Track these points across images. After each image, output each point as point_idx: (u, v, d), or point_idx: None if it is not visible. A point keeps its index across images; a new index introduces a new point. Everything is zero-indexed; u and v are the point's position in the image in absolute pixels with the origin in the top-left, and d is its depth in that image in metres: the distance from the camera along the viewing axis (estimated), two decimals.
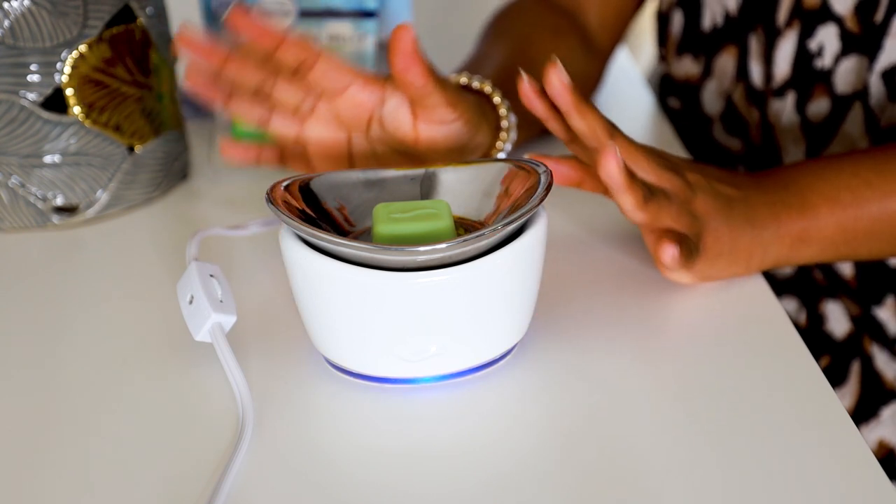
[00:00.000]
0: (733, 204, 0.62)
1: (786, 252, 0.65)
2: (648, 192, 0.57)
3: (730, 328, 0.62)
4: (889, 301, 0.80)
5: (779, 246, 0.64)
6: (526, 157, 0.60)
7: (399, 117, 0.66)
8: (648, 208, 0.58)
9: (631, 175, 0.56)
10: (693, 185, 0.61)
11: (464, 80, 0.74)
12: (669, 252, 0.58)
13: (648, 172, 0.60)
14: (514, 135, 0.73)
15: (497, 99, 0.73)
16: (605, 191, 0.65)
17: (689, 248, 0.59)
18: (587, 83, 0.90)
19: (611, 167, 0.55)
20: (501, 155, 0.73)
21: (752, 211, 0.63)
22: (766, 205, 0.64)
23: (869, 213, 0.65)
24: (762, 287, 0.65)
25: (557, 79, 0.58)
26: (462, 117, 0.66)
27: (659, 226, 0.60)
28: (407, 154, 0.68)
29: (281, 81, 0.66)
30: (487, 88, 0.73)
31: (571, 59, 0.87)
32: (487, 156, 0.73)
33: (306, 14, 0.84)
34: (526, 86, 0.61)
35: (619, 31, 0.93)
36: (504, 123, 0.72)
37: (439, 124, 0.66)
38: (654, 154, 0.61)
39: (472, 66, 0.80)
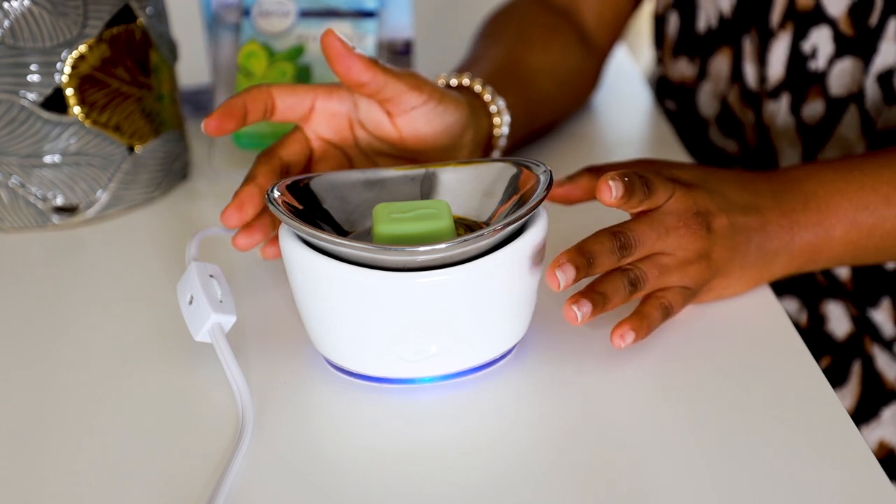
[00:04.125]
0: (750, 237, 0.62)
1: (793, 270, 0.65)
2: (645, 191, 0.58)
3: (730, 328, 0.62)
4: (884, 303, 0.81)
5: (788, 266, 0.64)
6: None
7: (376, 118, 0.66)
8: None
9: (629, 192, 0.57)
10: (715, 235, 0.60)
11: (453, 80, 0.73)
12: (616, 343, 0.57)
13: (675, 240, 0.59)
14: (507, 117, 0.73)
15: (484, 94, 0.72)
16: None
17: (652, 324, 0.58)
18: (584, 81, 0.90)
19: (606, 199, 0.57)
20: (501, 141, 0.73)
21: (767, 239, 0.62)
22: (783, 228, 0.63)
23: (883, 231, 0.65)
24: (762, 288, 0.65)
25: (609, 196, 0.57)
26: (432, 97, 0.65)
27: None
28: (402, 156, 0.67)
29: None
30: (476, 87, 0.73)
31: (567, 57, 0.87)
32: (487, 146, 0.73)
33: (306, 14, 0.84)
34: (561, 192, 0.65)
35: (616, 30, 0.93)
36: (493, 109, 0.73)
37: (412, 111, 0.65)
38: (686, 212, 0.60)
39: (464, 68, 0.80)
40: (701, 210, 0.60)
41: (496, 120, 0.73)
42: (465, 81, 0.73)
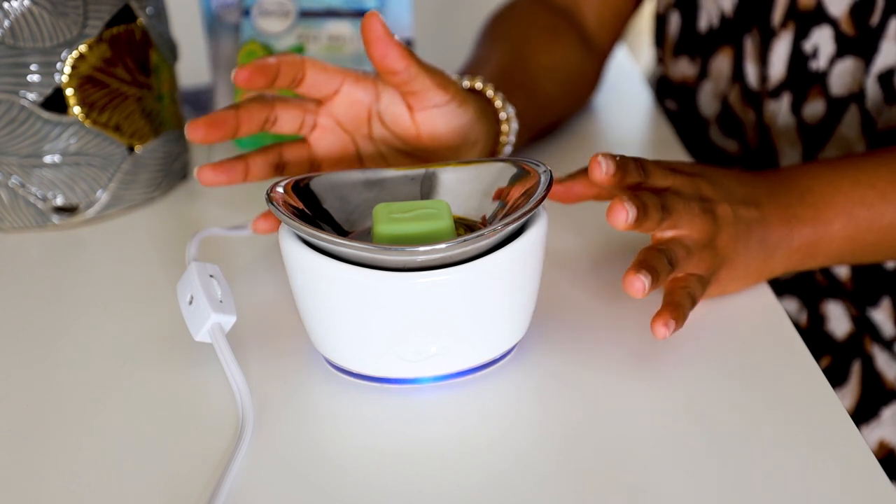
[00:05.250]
0: (752, 228, 0.62)
1: (792, 266, 0.65)
2: (662, 213, 0.58)
3: (730, 328, 0.62)
4: (884, 303, 0.81)
5: (787, 262, 0.64)
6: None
7: (396, 111, 0.66)
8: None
9: (641, 214, 0.56)
10: (720, 221, 0.60)
11: (466, 82, 0.74)
12: (661, 332, 0.56)
13: (686, 222, 0.59)
14: (515, 125, 0.73)
15: (496, 100, 0.73)
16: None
17: (685, 312, 0.58)
18: (585, 82, 0.90)
19: (619, 218, 0.56)
20: (507, 149, 0.73)
21: (767, 232, 0.63)
22: (781, 221, 0.63)
23: (880, 226, 0.65)
24: (762, 287, 0.65)
25: (600, 172, 0.57)
26: (455, 98, 0.66)
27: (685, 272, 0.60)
28: (413, 153, 0.68)
29: (280, 113, 0.66)
30: (489, 91, 0.73)
31: (569, 58, 0.87)
32: (492, 152, 0.74)
33: (306, 14, 0.84)
34: (562, 189, 0.64)
35: (617, 30, 0.93)
36: (503, 116, 0.73)
37: (434, 108, 0.66)
38: (692, 197, 0.60)
39: (469, 70, 0.80)
40: (704, 196, 0.60)
41: (504, 127, 0.73)
42: (478, 85, 0.73)
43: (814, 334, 0.83)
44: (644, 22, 1.45)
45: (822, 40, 0.79)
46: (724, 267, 0.61)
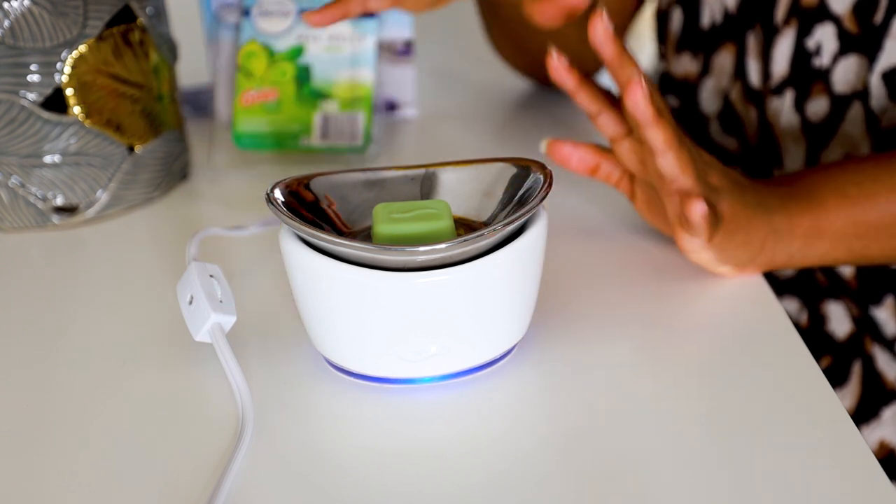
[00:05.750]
0: (745, 188, 0.64)
1: (798, 245, 0.65)
2: (678, 134, 0.58)
3: (731, 328, 0.62)
4: (888, 301, 0.81)
5: (791, 238, 0.65)
6: (544, 143, 0.62)
7: None
8: (681, 153, 0.58)
9: (659, 111, 0.57)
10: (709, 163, 0.62)
11: None
12: (698, 209, 0.57)
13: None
14: None
15: None
16: (618, 180, 0.65)
17: (714, 212, 0.59)
18: (623, 13, 0.92)
19: (637, 97, 0.56)
20: None
21: (763, 198, 0.64)
22: (776, 196, 0.65)
23: (878, 207, 0.66)
24: (762, 287, 0.65)
25: (601, 27, 0.56)
26: None
27: (679, 187, 0.60)
28: None
29: None
30: None
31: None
32: None
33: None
34: (555, 61, 0.62)
35: (620, 28, 0.94)
36: None
37: None
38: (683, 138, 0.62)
39: None
40: (704, 160, 0.62)
41: None
42: None
43: (814, 334, 0.83)
44: (646, 22, 1.45)
45: (824, 38, 0.79)
46: (724, 203, 0.62)
